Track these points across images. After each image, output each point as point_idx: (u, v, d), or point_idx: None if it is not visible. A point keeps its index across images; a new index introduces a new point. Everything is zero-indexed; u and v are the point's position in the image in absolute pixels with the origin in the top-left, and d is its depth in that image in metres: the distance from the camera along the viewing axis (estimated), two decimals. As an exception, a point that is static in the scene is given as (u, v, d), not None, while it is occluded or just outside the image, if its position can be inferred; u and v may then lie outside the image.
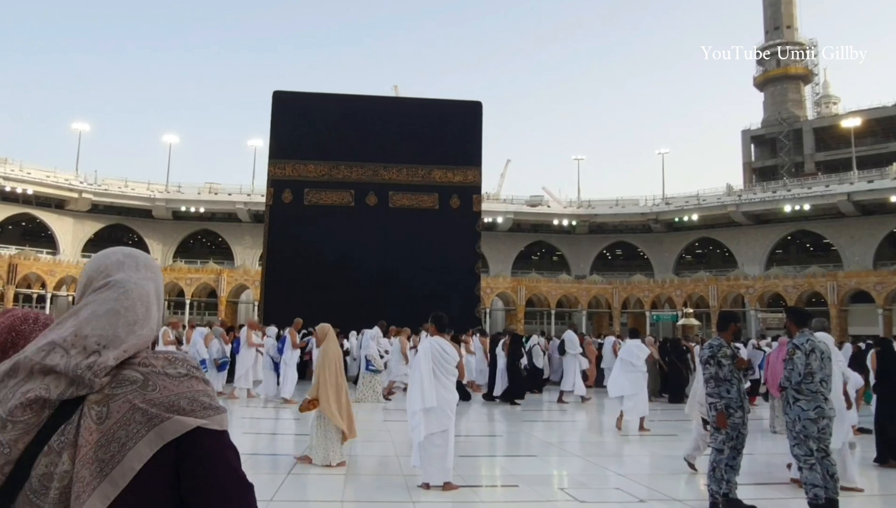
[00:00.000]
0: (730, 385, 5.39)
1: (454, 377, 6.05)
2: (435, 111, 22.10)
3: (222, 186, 51.99)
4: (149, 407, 1.03)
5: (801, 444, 5.05)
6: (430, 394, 5.76)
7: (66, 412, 1.03)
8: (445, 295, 19.50)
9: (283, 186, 21.25)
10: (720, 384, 5.39)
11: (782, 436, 8.97)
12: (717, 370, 5.40)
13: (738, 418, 5.35)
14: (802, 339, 5.21)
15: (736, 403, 5.37)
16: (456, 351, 6.02)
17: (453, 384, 6.04)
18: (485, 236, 25.04)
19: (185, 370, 1.12)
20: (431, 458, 5.84)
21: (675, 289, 45.05)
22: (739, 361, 5.53)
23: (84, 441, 1.00)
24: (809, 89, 65.64)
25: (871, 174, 45.72)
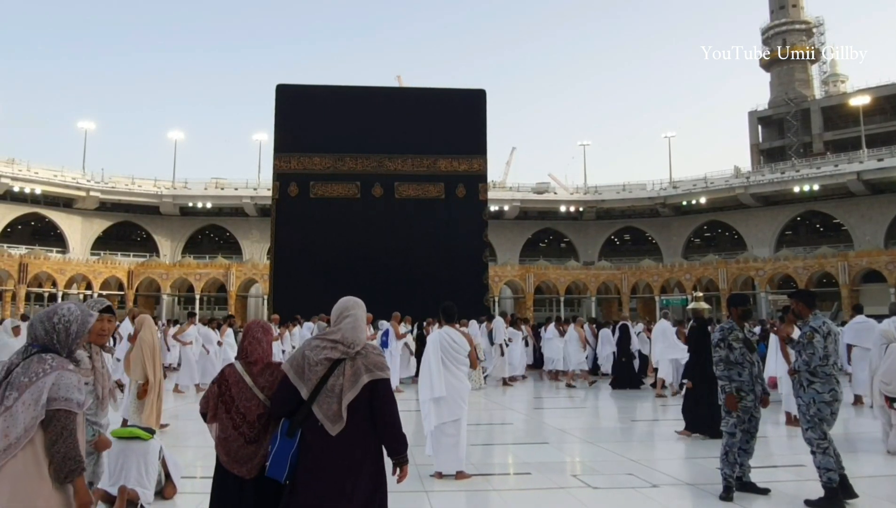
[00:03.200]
0: (741, 369, 5.33)
1: (465, 366, 6.05)
2: (439, 101, 22.00)
3: (228, 181, 52.23)
4: (366, 365, 3.02)
5: (816, 427, 5.01)
6: (440, 384, 5.77)
7: (337, 363, 3.03)
8: (454, 285, 19.49)
9: (289, 180, 21.26)
10: (731, 368, 5.34)
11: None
12: (728, 353, 5.34)
13: (749, 401, 5.29)
14: (818, 321, 5.18)
15: (747, 386, 5.30)
16: (467, 341, 6.01)
17: (465, 373, 6.05)
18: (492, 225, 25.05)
19: (377, 351, 3.13)
20: (443, 447, 5.86)
21: (685, 273, 44.90)
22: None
23: (345, 374, 2.99)
24: (816, 68, 65.01)
25: (881, 152, 45.34)
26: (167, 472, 5.14)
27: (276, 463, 2.93)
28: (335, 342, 3.09)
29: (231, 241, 53.33)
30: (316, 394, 2.99)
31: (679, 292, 44.66)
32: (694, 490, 5.56)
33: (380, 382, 3.02)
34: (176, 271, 45.16)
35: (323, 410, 2.96)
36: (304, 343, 3.19)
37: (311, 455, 2.95)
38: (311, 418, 2.98)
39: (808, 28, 63.31)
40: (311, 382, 3.01)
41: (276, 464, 2.93)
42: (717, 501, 5.11)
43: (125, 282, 43.74)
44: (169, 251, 51.61)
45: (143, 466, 4.84)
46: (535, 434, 8.72)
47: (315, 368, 3.03)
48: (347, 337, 3.09)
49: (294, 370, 3.04)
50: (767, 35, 64.47)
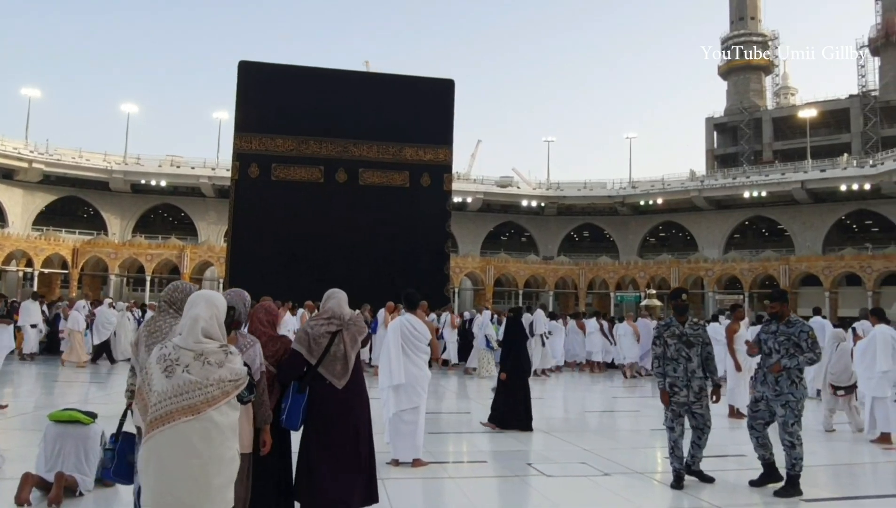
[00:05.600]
0: (676, 364, 5.47)
1: (426, 354, 6.08)
2: (407, 88, 21.89)
3: (185, 159, 50.70)
4: (357, 331, 4.22)
5: (799, 422, 5.30)
6: (399, 371, 5.80)
7: (336, 334, 4.13)
8: (415, 274, 19.51)
9: (250, 161, 20.83)
10: (667, 364, 5.52)
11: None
12: (665, 350, 5.51)
13: (682, 397, 5.43)
14: (807, 323, 5.58)
15: (682, 382, 5.44)
16: (428, 329, 6.07)
17: (425, 361, 6.08)
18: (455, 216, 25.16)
19: (361, 321, 4.35)
20: (401, 435, 5.88)
21: (639, 271, 46.05)
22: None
23: (345, 341, 4.13)
24: (770, 80, 67.23)
25: (824, 164, 47.27)
26: None
27: (291, 416, 3.73)
28: (329, 318, 4.19)
29: (186, 221, 52.01)
30: (321, 360, 4.04)
31: (633, 290, 45.80)
32: (644, 478, 5.85)
33: (364, 341, 4.32)
34: (125, 251, 43.65)
35: (329, 370, 4.06)
36: (305, 324, 4.32)
37: (324, 405, 4.01)
38: (319, 378, 4.03)
39: (765, 40, 65.34)
40: (317, 352, 4.06)
41: (291, 416, 3.74)
42: (667, 489, 5.38)
43: (69, 260, 41.68)
44: (118, 230, 49.98)
45: (82, 451, 4.67)
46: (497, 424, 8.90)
47: (319, 340, 4.09)
48: (337, 312, 4.22)
49: (304, 346, 4.06)
50: (726, 45, 66.25)
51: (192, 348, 2.72)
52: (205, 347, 2.73)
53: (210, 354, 2.72)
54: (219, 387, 2.68)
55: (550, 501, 5.01)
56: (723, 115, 64.31)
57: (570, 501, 5.06)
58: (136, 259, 43.45)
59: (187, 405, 2.63)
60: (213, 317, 2.83)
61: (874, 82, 58.09)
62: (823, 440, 8.07)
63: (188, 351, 2.71)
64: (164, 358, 2.72)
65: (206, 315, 2.80)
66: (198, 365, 2.68)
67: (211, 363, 2.70)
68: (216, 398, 2.66)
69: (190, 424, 2.61)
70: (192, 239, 49.08)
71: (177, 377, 2.66)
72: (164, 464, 2.61)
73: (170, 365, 2.69)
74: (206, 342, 2.75)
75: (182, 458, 2.60)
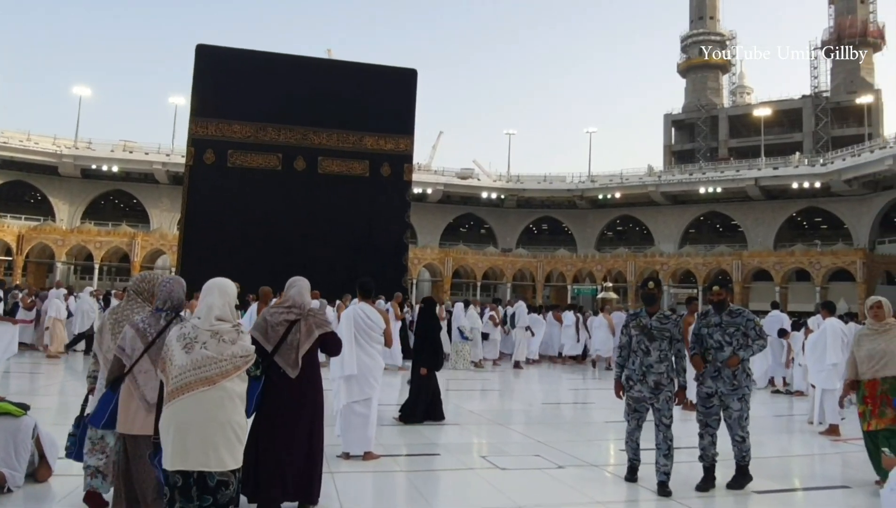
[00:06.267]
0: (635, 357, 5.23)
1: (379, 344, 5.91)
2: (368, 77, 21.59)
3: (139, 144, 49.23)
4: (316, 323, 4.21)
5: (749, 415, 5.27)
6: (351, 361, 5.62)
7: (294, 323, 4.14)
8: (373, 264, 19.32)
9: (205, 146, 20.31)
10: (628, 355, 5.31)
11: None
12: (628, 340, 5.31)
13: (636, 391, 5.17)
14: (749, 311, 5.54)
15: (637, 375, 5.17)
16: (382, 318, 5.89)
17: (378, 351, 5.92)
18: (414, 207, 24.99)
19: (322, 313, 4.42)
20: (352, 427, 5.69)
21: (597, 264, 46.64)
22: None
23: (301, 331, 4.13)
24: (727, 79, 68.71)
25: (777, 162, 48.54)
26: (42, 452, 4.68)
27: (246, 402, 3.64)
28: (289, 307, 4.24)
29: (138, 208, 50.53)
30: (277, 348, 4.08)
31: (590, 282, 46.39)
32: (598, 471, 5.82)
33: (328, 334, 4.29)
34: (73, 238, 42.13)
35: (284, 359, 4.09)
36: (265, 310, 4.37)
37: (277, 394, 4.05)
38: (275, 366, 4.07)
39: (723, 40, 66.71)
40: (273, 339, 4.11)
41: (246, 402, 3.64)
42: (620, 481, 5.36)
43: (14, 247, 40.12)
44: (66, 216, 48.26)
45: (11, 445, 4.45)
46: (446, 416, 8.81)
47: (277, 328, 4.15)
48: (297, 301, 4.26)
49: (260, 332, 4.12)
50: (686, 43, 67.41)
51: (208, 328, 3.15)
52: (220, 327, 3.16)
53: (225, 333, 3.15)
54: (231, 362, 3.09)
55: (503, 494, 4.93)
56: (681, 112, 65.52)
57: (522, 494, 4.98)
58: (85, 247, 42.05)
59: (205, 376, 3.04)
60: (226, 303, 3.26)
61: (826, 83, 59.86)
62: (773, 433, 8.22)
63: (205, 331, 3.13)
64: (184, 337, 3.11)
65: (219, 303, 3.23)
66: (214, 342, 3.10)
67: (225, 341, 3.13)
68: (229, 372, 3.08)
69: (206, 393, 3.02)
70: (143, 227, 47.74)
71: (195, 352, 3.06)
72: (184, 426, 2.99)
73: (189, 342, 3.09)
74: (219, 323, 3.17)
75: (200, 421, 2.99)
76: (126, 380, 3.52)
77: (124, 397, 3.53)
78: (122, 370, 3.55)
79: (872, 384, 5.38)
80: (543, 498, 4.93)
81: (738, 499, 5.02)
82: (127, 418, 3.51)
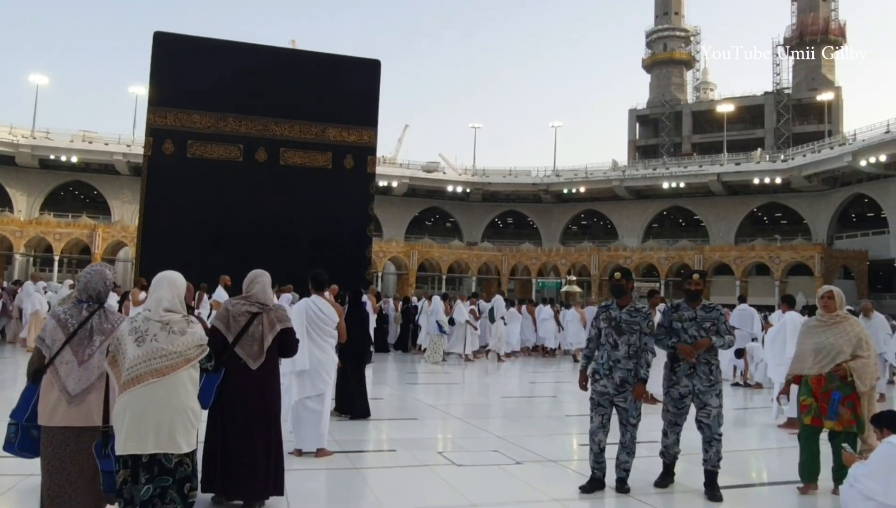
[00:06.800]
0: (603, 350, 4.98)
1: (333, 338, 5.76)
2: (331, 67, 21.27)
3: (99, 134, 47.93)
4: (277, 318, 4.28)
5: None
6: (303, 356, 5.44)
7: (255, 316, 4.20)
8: (336, 256, 19.10)
9: (164, 136, 19.81)
10: (596, 348, 5.09)
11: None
12: (597, 333, 5.09)
13: (601, 386, 4.89)
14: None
15: (603, 370, 4.90)
16: (335, 311, 5.73)
17: (332, 345, 5.76)
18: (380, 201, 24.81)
19: (282, 308, 4.53)
20: (304, 423, 5.54)
21: (561, 258, 46.97)
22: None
23: (264, 324, 4.19)
24: (691, 74, 69.72)
25: (739, 157, 49.43)
26: None
27: (204, 394, 3.58)
28: (252, 301, 4.28)
29: (99, 200, 49.29)
30: (238, 340, 4.12)
31: (555, 276, 46.70)
32: (557, 467, 5.73)
33: (287, 330, 4.33)
34: (32, 229, 41.00)
35: (245, 351, 4.13)
36: (226, 301, 4.50)
37: (237, 385, 4.04)
38: (235, 357, 4.09)
39: (687, 36, 67.64)
40: (235, 329, 4.14)
41: (204, 394, 3.58)
42: (579, 478, 5.22)
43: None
44: (24, 207, 46.85)
45: None
46: (404, 410, 8.70)
47: (238, 319, 4.19)
48: (260, 297, 4.31)
49: (222, 322, 4.19)
50: (651, 38, 68.17)
51: (158, 319, 3.28)
52: (170, 317, 3.30)
53: (174, 323, 3.29)
54: (182, 354, 3.24)
55: (458, 492, 4.82)
56: (645, 107, 66.25)
57: (477, 491, 4.90)
58: (44, 238, 40.93)
59: (155, 368, 3.18)
60: (175, 296, 3.40)
61: (788, 80, 61.11)
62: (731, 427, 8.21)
63: (156, 322, 3.26)
64: (136, 330, 3.23)
65: (168, 295, 3.37)
66: (164, 334, 3.23)
67: (175, 332, 3.26)
68: (179, 364, 3.22)
69: (159, 382, 3.16)
70: (104, 218, 46.63)
71: (147, 345, 3.19)
72: (139, 413, 3.13)
73: (140, 336, 3.21)
74: (168, 314, 3.32)
75: (154, 408, 3.14)
76: (47, 371, 3.42)
77: (45, 388, 3.43)
78: (42, 362, 3.46)
79: (818, 380, 4.99)
80: (499, 496, 4.84)
81: (697, 496, 4.92)
82: (46, 409, 3.39)
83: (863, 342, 5.00)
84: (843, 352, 4.94)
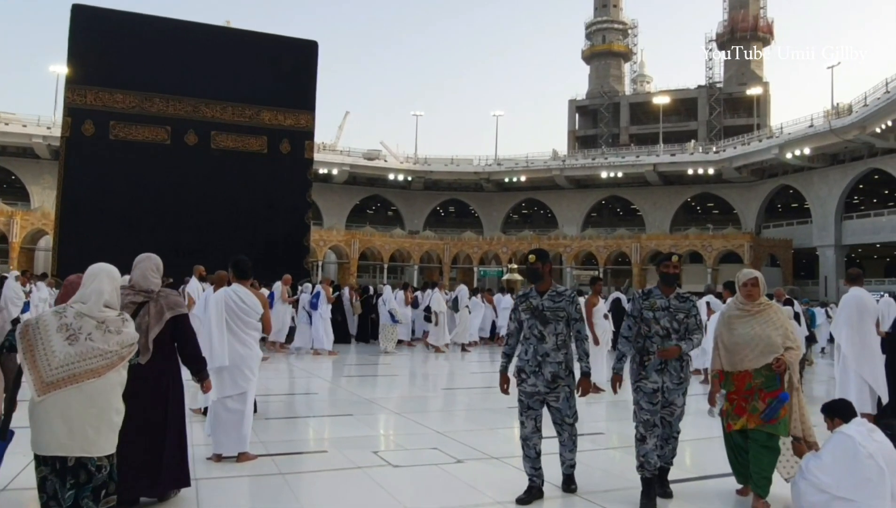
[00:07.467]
0: (527, 345, 4.42)
1: (257, 331, 5.25)
2: (267, 48, 20.43)
3: (17, 116, 45.01)
4: (167, 304, 3.99)
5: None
6: (221, 351, 4.95)
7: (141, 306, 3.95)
8: (273, 245, 18.52)
9: (84, 117, 18.68)
10: (517, 344, 4.55)
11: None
12: (517, 326, 4.52)
13: (530, 385, 4.34)
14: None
15: (531, 367, 4.35)
16: (259, 302, 5.21)
17: (255, 339, 5.25)
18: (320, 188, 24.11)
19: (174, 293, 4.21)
20: (224, 425, 5.02)
21: (502, 246, 47.14)
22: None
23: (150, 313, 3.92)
24: (629, 67, 70.99)
25: (674, 148, 50.65)
26: None
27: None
28: (137, 290, 3.97)
29: (17, 185, 46.42)
30: None
31: (496, 264, 46.85)
32: (500, 465, 5.39)
33: (180, 317, 3.98)
34: (-61, 217, 38.27)
35: None
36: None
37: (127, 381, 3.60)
38: None
39: (625, 28, 68.80)
40: None
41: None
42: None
43: None
44: (-67, 194, 43.71)
45: None
46: (339, 406, 8.23)
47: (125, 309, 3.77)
48: (140, 284, 3.98)
49: None
50: (590, 30, 68.96)
51: (95, 316, 3.12)
52: (106, 315, 3.14)
53: (110, 322, 3.14)
54: (117, 353, 3.10)
55: (392, 497, 4.44)
56: (585, 98, 67.09)
57: (414, 495, 4.54)
58: (-46, 226, 38.15)
59: (90, 368, 3.04)
60: (114, 289, 3.27)
61: (720, 75, 62.94)
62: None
63: (91, 319, 3.10)
64: (67, 327, 3.05)
65: (108, 289, 3.22)
66: (99, 333, 3.08)
67: (111, 331, 3.12)
68: (115, 363, 3.10)
69: (92, 383, 3.03)
70: (23, 204, 43.93)
71: (80, 344, 3.04)
72: (68, 415, 3.00)
73: (73, 334, 3.05)
74: (107, 311, 3.17)
75: (83, 409, 3.02)
76: None
77: None
78: None
79: (742, 376, 4.36)
80: (438, 500, 4.48)
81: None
82: None
83: (789, 331, 4.45)
84: (776, 343, 4.30)
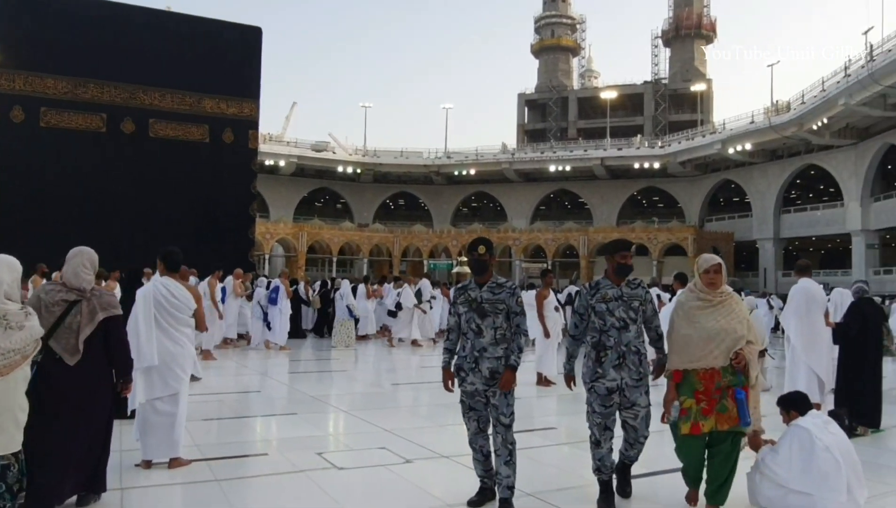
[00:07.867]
0: (465, 340, 4.13)
1: (189, 328, 4.91)
2: (209, 33, 19.74)
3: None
4: (100, 305, 3.78)
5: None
6: (149, 350, 4.59)
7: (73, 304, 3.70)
8: (216, 237, 17.92)
9: (13, 103, 17.78)
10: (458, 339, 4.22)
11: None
12: (457, 320, 4.21)
13: (469, 384, 4.06)
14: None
15: (469, 364, 4.06)
16: (192, 295, 4.88)
17: (188, 336, 4.90)
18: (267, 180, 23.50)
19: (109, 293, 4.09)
20: (154, 429, 4.69)
21: (452, 239, 47.04)
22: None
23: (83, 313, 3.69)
24: (577, 62, 71.83)
25: (621, 143, 51.50)
26: None
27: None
28: (69, 287, 3.75)
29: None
30: (52, 332, 3.58)
31: (446, 257, 46.75)
32: (451, 464, 5.20)
33: (112, 319, 3.82)
34: None
35: (61, 344, 3.63)
36: (39, 288, 3.85)
37: (52, 383, 3.54)
38: (50, 351, 3.55)
39: (573, 23, 69.56)
40: (48, 321, 3.56)
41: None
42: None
43: None
44: None
45: None
46: (283, 404, 7.92)
47: (52, 309, 3.65)
48: (71, 281, 3.76)
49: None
50: (539, 24, 69.49)
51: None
52: (7, 309, 2.94)
53: (12, 317, 2.94)
54: (20, 352, 2.94)
55: (335, 502, 4.21)
56: (534, 92, 67.61)
57: (360, 499, 4.33)
58: None
59: None
60: (15, 281, 3.05)
61: (665, 71, 64.33)
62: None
63: None
64: None
65: (8, 279, 3.00)
66: (0, 330, 2.89)
67: (13, 327, 2.92)
68: (18, 362, 2.93)
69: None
70: (-55, 195, 41.39)
71: None
72: None
73: None
74: (9, 304, 2.97)
75: None
76: None
77: None
78: None
79: (710, 374, 3.94)
80: (385, 503, 4.28)
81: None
82: None
83: (751, 324, 4.11)
84: (740, 337, 3.93)
